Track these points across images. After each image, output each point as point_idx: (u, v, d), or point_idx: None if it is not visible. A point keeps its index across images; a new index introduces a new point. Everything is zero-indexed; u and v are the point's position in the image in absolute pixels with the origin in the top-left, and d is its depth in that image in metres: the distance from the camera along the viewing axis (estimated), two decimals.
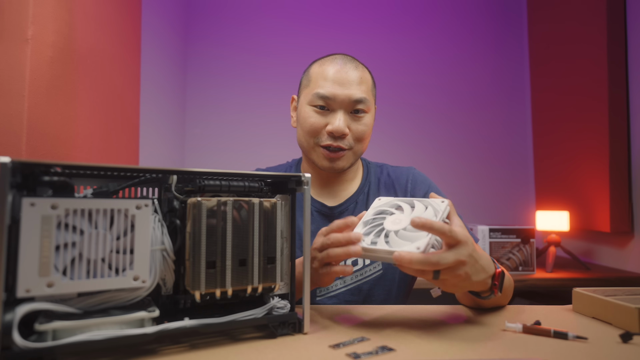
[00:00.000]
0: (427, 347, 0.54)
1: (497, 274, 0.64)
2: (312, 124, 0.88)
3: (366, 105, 0.88)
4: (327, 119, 0.88)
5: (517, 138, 2.58)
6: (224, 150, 2.48)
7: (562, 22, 2.21)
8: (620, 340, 0.57)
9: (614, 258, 1.96)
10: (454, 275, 0.57)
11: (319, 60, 0.93)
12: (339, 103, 0.87)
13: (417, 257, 0.54)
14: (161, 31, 2.06)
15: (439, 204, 0.64)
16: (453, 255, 0.55)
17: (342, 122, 0.86)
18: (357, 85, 0.87)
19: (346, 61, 0.90)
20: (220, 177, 0.57)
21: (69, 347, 0.44)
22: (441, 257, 0.55)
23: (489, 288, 0.64)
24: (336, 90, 0.86)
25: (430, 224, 0.55)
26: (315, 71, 0.91)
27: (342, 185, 0.97)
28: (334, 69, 0.88)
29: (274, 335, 0.57)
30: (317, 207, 0.94)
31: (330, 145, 0.87)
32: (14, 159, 0.42)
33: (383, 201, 0.69)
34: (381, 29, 2.57)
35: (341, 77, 0.87)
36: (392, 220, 0.63)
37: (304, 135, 0.91)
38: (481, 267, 0.60)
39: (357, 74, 0.88)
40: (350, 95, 0.86)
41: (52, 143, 0.98)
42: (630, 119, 1.86)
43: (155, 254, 0.51)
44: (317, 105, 0.88)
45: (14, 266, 0.42)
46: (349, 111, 0.88)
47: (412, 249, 0.56)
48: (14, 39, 0.90)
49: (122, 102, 1.37)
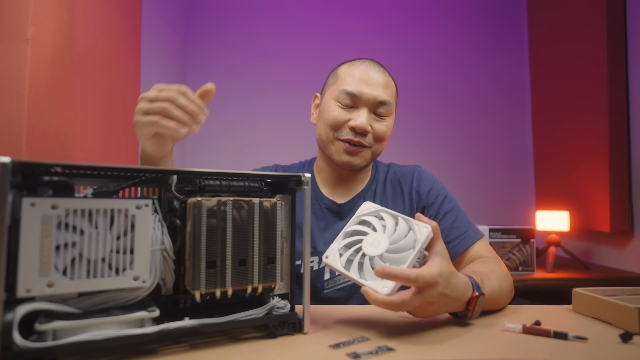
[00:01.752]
0: (427, 347, 0.54)
1: (472, 299, 0.63)
2: (335, 117, 0.90)
3: (389, 108, 0.92)
4: (350, 114, 0.90)
5: (517, 138, 2.58)
6: (224, 150, 2.49)
7: (562, 22, 2.21)
8: (620, 340, 0.57)
9: (614, 258, 1.96)
10: (421, 310, 0.59)
11: (348, 62, 0.97)
12: (364, 101, 0.90)
13: (381, 299, 0.55)
14: (161, 31, 2.06)
15: (422, 230, 0.60)
16: (419, 298, 0.56)
17: (365, 119, 0.89)
18: (383, 88, 0.91)
19: (374, 64, 0.94)
20: (220, 177, 0.57)
21: (69, 347, 0.44)
22: (405, 302, 0.55)
23: (464, 310, 0.64)
24: (363, 89, 0.89)
25: (394, 274, 0.55)
26: (343, 70, 0.94)
27: (353, 183, 0.99)
28: (363, 69, 0.92)
29: (274, 335, 0.57)
30: (327, 205, 0.97)
31: (351, 140, 0.89)
32: (14, 159, 0.42)
33: (369, 208, 0.66)
34: (381, 29, 2.57)
35: (369, 78, 0.90)
36: (370, 242, 0.61)
37: (324, 128, 0.93)
38: (453, 298, 0.60)
39: (384, 77, 0.92)
40: (376, 96, 0.89)
41: (52, 143, 0.98)
42: (630, 119, 1.86)
43: (156, 254, 0.51)
44: (343, 102, 0.91)
45: (14, 266, 0.42)
46: (373, 111, 0.91)
47: (379, 287, 0.56)
48: (14, 39, 0.90)
49: (122, 102, 1.37)
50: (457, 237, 0.90)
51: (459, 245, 0.90)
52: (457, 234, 0.91)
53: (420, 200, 0.96)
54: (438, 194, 0.96)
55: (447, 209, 0.94)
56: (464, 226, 0.92)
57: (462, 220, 0.93)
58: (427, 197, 0.96)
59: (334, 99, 0.92)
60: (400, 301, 0.55)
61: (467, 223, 0.93)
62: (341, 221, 0.96)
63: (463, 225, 0.92)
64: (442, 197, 0.95)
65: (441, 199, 0.95)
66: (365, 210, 0.66)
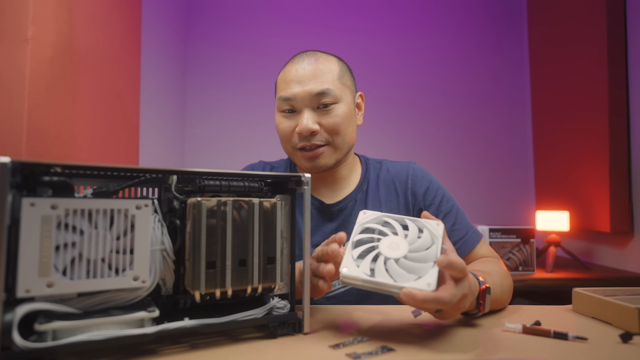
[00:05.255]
0: (427, 347, 0.54)
1: (481, 292, 0.64)
2: (283, 130, 0.88)
3: (333, 96, 0.85)
4: (295, 120, 0.87)
5: (517, 138, 2.58)
6: (224, 150, 2.48)
7: (562, 22, 2.21)
8: (620, 340, 0.57)
9: (614, 258, 1.96)
10: (456, 308, 0.56)
11: (284, 66, 0.91)
12: (301, 102, 0.85)
13: (431, 295, 0.52)
14: (161, 31, 2.06)
15: (435, 227, 0.60)
16: (460, 290, 0.54)
17: (309, 120, 0.84)
18: (317, 79, 0.84)
19: (304, 57, 0.88)
20: (220, 177, 0.57)
21: (69, 347, 0.44)
22: (453, 295, 0.53)
23: (475, 306, 0.64)
24: (294, 89, 0.85)
25: (454, 265, 0.53)
26: (279, 77, 0.91)
27: (338, 183, 0.95)
28: (293, 68, 0.87)
29: (274, 335, 0.57)
30: (316, 205, 0.93)
31: (304, 146, 0.86)
32: (14, 159, 0.42)
33: (369, 216, 0.63)
34: (382, 29, 2.57)
35: (298, 76, 0.85)
36: (388, 245, 0.58)
37: (281, 143, 0.91)
38: (471, 292, 0.59)
39: (314, 67, 0.86)
40: (311, 91, 0.84)
41: (52, 143, 0.98)
42: (630, 119, 1.86)
43: (155, 254, 0.51)
44: (285, 110, 0.87)
45: (14, 266, 0.42)
46: (316, 107, 0.86)
47: (421, 285, 0.53)
48: (14, 39, 0.90)
49: (122, 102, 1.37)
50: (458, 240, 0.88)
51: (462, 248, 0.88)
52: (459, 237, 0.89)
53: (416, 202, 0.93)
54: (435, 194, 0.92)
55: (446, 209, 0.91)
56: (464, 228, 0.90)
57: (462, 221, 0.91)
58: (423, 199, 0.92)
59: (277, 110, 0.89)
60: (449, 295, 0.53)
61: (467, 224, 0.91)
62: (330, 223, 0.92)
63: (463, 227, 0.90)
64: (439, 197, 0.92)
65: (439, 200, 0.92)
66: (366, 219, 0.63)
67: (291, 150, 0.89)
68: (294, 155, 0.90)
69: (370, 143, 2.23)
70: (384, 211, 0.92)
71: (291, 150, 0.89)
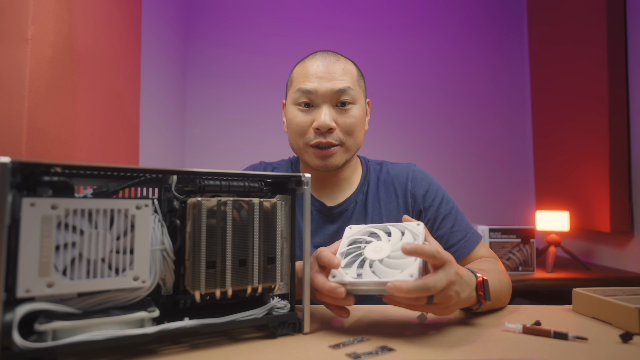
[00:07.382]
0: (427, 347, 0.54)
1: (478, 284, 0.64)
2: (298, 123, 0.87)
3: (351, 96, 0.86)
4: (312, 115, 0.86)
5: (517, 138, 2.58)
6: (224, 150, 2.48)
7: (562, 22, 2.21)
8: (620, 340, 0.57)
9: (614, 258, 1.96)
10: (446, 296, 0.56)
11: (301, 61, 0.92)
12: (322, 97, 0.85)
13: (414, 284, 0.53)
14: (161, 31, 2.06)
15: (416, 227, 0.63)
16: (444, 275, 0.55)
17: (327, 115, 0.84)
18: (339, 77, 0.85)
19: (326, 55, 0.89)
20: (220, 177, 0.57)
21: (69, 347, 0.44)
22: (436, 280, 0.54)
23: (476, 300, 0.64)
24: (317, 83, 0.85)
25: (421, 249, 0.55)
26: (296, 70, 0.90)
27: (340, 184, 0.95)
28: (314, 64, 0.87)
29: (274, 335, 0.57)
30: (317, 207, 0.93)
31: (319, 142, 0.85)
32: (14, 159, 0.42)
33: (355, 230, 0.67)
34: (382, 29, 2.57)
35: (321, 71, 0.85)
36: (372, 249, 0.61)
37: (293, 137, 0.89)
38: (465, 282, 0.60)
39: (338, 65, 0.86)
40: (333, 87, 0.84)
41: (52, 143, 0.98)
42: (630, 119, 1.86)
43: (155, 254, 0.51)
44: (302, 103, 0.86)
45: (14, 266, 0.42)
46: (335, 104, 0.86)
47: (404, 277, 0.54)
48: (14, 39, 0.90)
49: (122, 102, 1.37)
50: (457, 241, 0.88)
51: (461, 250, 0.88)
52: (458, 239, 0.89)
53: (416, 204, 0.93)
54: (435, 196, 0.93)
55: (445, 211, 0.91)
56: (463, 230, 0.90)
57: (461, 223, 0.91)
58: (423, 201, 0.92)
59: (293, 104, 0.88)
60: (432, 281, 0.54)
61: (466, 226, 0.91)
62: (331, 224, 0.93)
63: (462, 229, 0.90)
64: (439, 199, 0.92)
65: (438, 202, 0.92)
66: (352, 232, 0.67)
67: (303, 146, 0.88)
68: (304, 151, 0.88)
69: (370, 143, 2.22)
70: (384, 213, 0.93)
71: (303, 146, 0.88)
